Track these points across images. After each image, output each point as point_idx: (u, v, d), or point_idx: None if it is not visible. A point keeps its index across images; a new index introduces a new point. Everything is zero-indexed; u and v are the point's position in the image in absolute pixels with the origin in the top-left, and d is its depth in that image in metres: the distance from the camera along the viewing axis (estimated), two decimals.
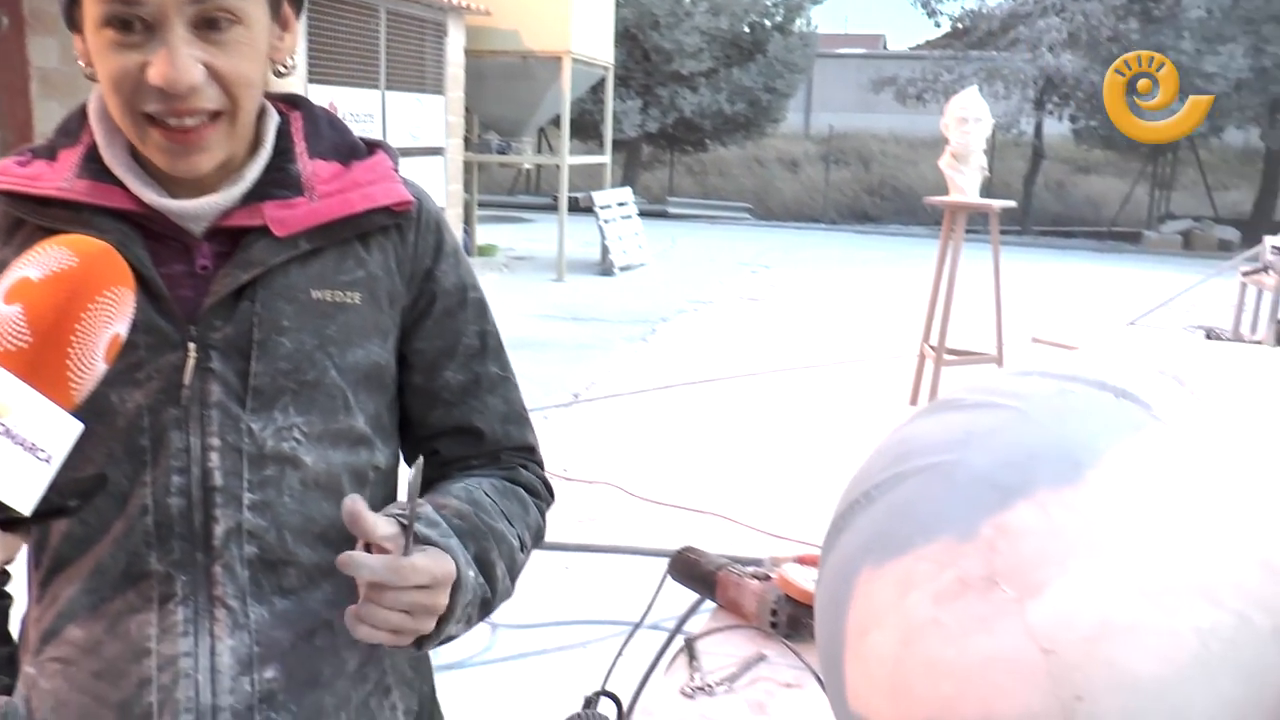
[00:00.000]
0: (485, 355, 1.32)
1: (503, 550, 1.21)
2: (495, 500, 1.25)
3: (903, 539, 1.13)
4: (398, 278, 1.23)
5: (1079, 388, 1.19)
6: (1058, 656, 0.99)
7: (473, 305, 1.31)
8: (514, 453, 1.34)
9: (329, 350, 1.16)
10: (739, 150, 26.32)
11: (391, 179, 1.23)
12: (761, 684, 1.67)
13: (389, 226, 1.23)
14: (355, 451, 1.20)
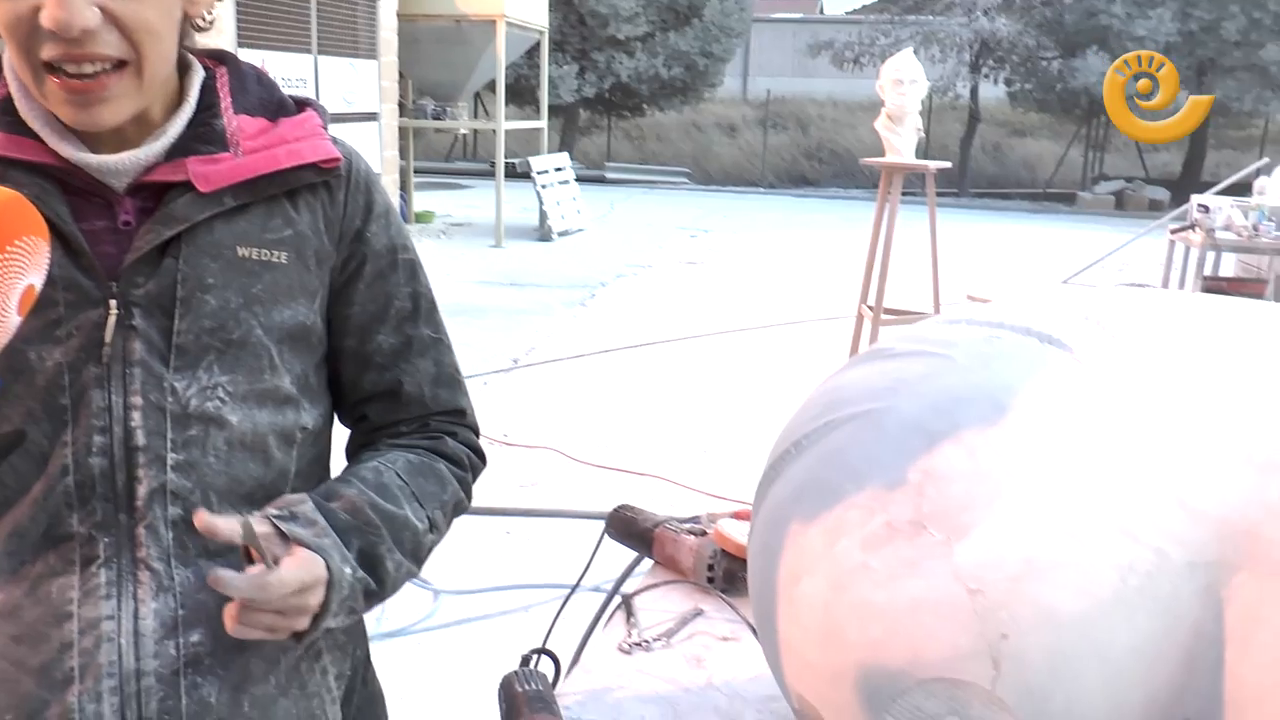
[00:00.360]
0: (417, 317, 1.30)
1: (403, 538, 1.20)
2: (406, 481, 1.23)
3: (833, 487, 1.14)
4: (326, 238, 1.21)
5: (1006, 334, 1.21)
6: (984, 596, 1.01)
7: (404, 267, 1.30)
8: (444, 418, 1.33)
9: (254, 309, 1.14)
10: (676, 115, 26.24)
11: (320, 136, 1.21)
12: (699, 638, 1.68)
13: (317, 185, 1.21)
14: (281, 412, 1.18)
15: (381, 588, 1.18)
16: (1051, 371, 1.15)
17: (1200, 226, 7.41)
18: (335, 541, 1.11)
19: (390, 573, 1.19)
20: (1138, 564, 1.02)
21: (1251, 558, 1.02)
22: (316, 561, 1.07)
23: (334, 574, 1.09)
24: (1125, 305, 1.27)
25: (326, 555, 1.09)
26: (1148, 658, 1.03)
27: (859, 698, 1.08)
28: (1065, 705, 1.01)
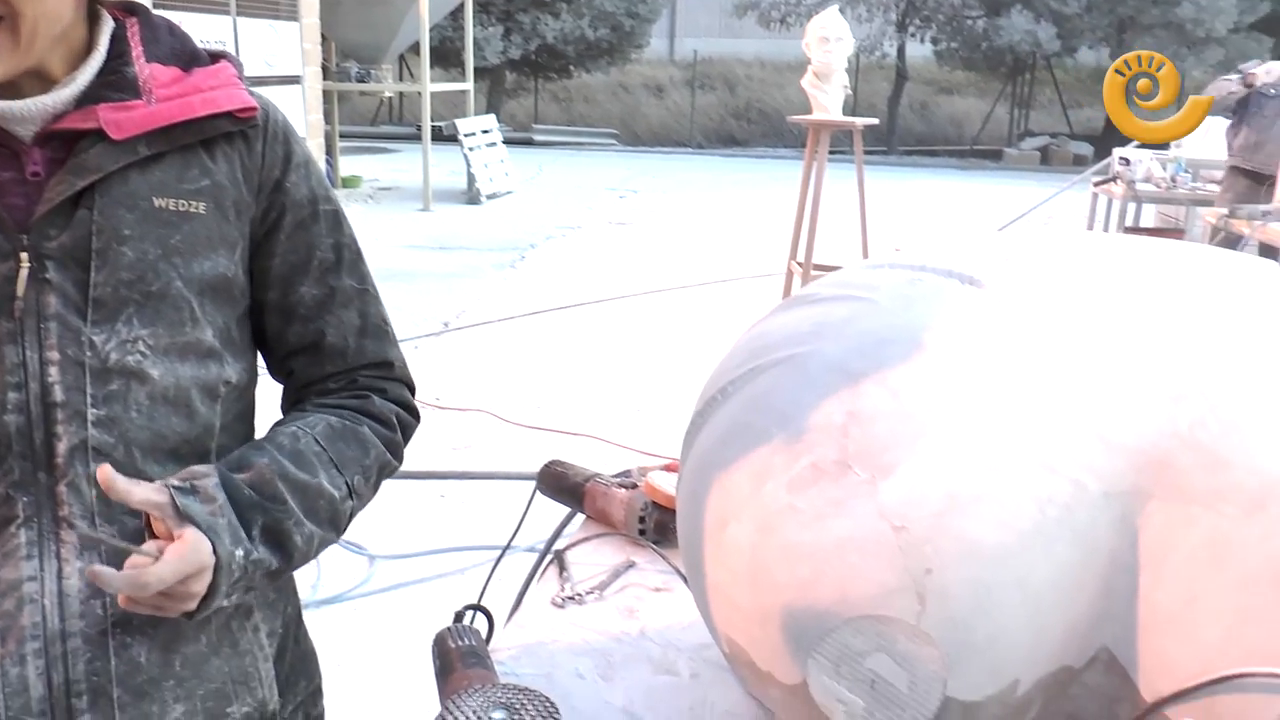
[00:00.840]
0: (340, 268, 1.28)
1: (318, 507, 1.19)
2: (324, 447, 1.21)
3: (758, 431, 1.15)
4: (245, 188, 1.19)
5: (927, 276, 1.22)
6: (908, 532, 1.02)
7: (326, 217, 1.28)
8: (371, 372, 1.31)
9: (174, 260, 1.12)
10: (604, 77, 26.07)
11: (235, 86, 1.19)
12: (631, 590, 1.69)
13: (234, 135, 1.19)
14: (204, 365, 1.16)
15: (289, 562, 1.17)
16: (972, 310, 1.16)
17: (1121, 179, 7.55)
18: (230, 522, 1.09)
19: (299, 545, 1.17)
20: (1056, 496, 1.04)
21: (1163, 486, 1.05)
22: (200, 548, 1.05)
23: (221, 558, 1.07)
24: (1043, 247, 1.29)
25: (216, 538, 1.07)
26: (1067, 587, 1.05)
27: (787, 638, 1.09)
28: (988, 636, 1.03)
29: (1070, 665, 1.11)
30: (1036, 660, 1.08)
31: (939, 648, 1.03)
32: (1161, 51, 18.30)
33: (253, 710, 1.23)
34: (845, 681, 1.07)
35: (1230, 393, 1.06)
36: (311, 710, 1.35)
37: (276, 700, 1.27)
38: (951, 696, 1.06)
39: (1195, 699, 1.03)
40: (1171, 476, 1.05)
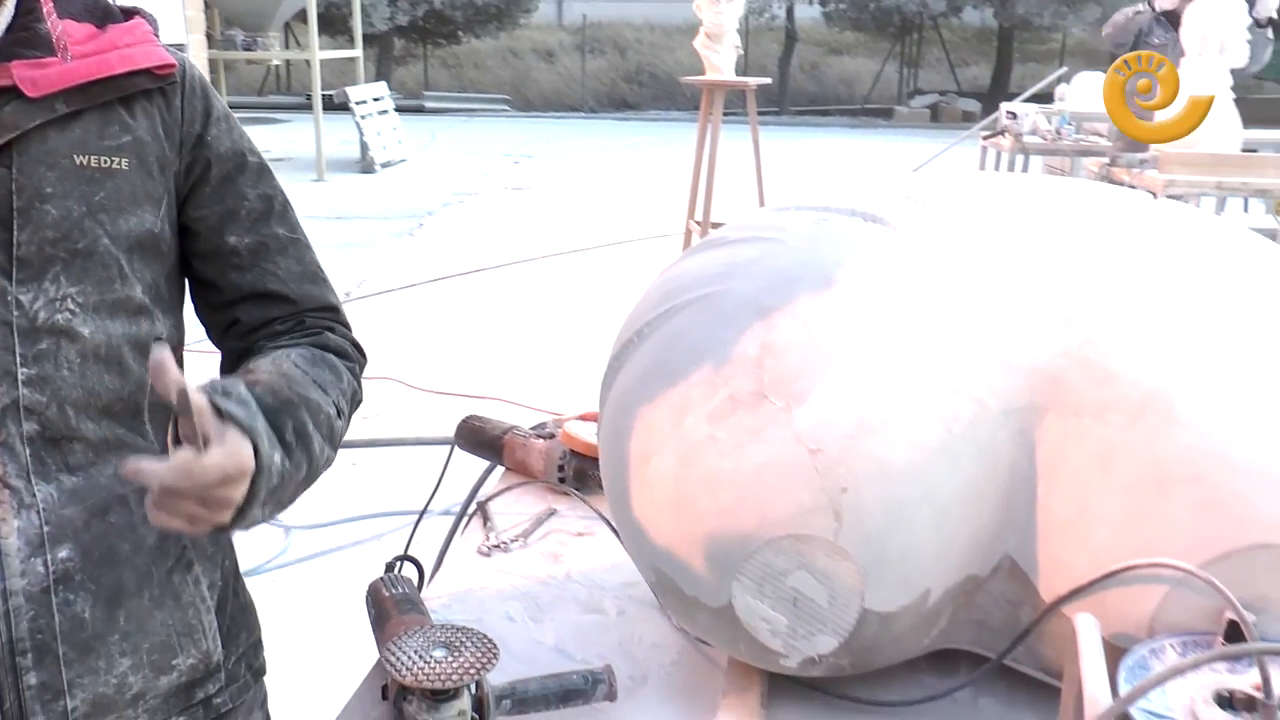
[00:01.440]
0: (270, 218, 1.28)
1: (320, 421, 1.19)
2: (305, 370, 1.21)
3: (676, 367, 1.20)
4: (166, 144, 1.19)
5: (832, 216, 1.28)
6: (824, 455, 1.09)
7: (251, 169, 1.28)
8: (317, 314, 1.32)
9: (99, 218, 1.12)
10: (493, 42, 25.79)
11: (152, 42, 1.19)
12: (554, 536, 1.73)
13: (153, 92, 1.18)
14: (135, 322, 1.16)
15: (313, 468, 1.17)
16: (876, 246, 1.22)
17: (1009, 132, 7.75)
18: (266, 426, 1.08)
19: (317, 452, 1.17)
20: (960, 414, 1.11)
21: (1057, 401, 1.12)
22: (244, 450, 1.03)
23: (263, 459, 1.05)
24: (941, 185, 1.36)
25: (258, 438, 1.05)
26: (971, 499, 1.12)
27: (712, 563, 1.14)
28: (901, 549, 1.10)
29: (976, 574, 1.18)
30: (945, 570, 1.15)
31: (856, 562, 1.10)
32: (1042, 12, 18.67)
33: (197, 662, 1.25)
34: (769, 600, 1.14)
35: (1115, 313, 1.14)
36: (253, 662, 1.37)
37: (220, 651, 1.28)
38: (868, 609, 1.13)
39: (1088, 595, 1.11)
40: (1064, 392, 1.12)
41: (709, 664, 1.36)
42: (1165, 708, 0.99)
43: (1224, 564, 1.06)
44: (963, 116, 21.15)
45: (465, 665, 1.15)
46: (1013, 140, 7.46)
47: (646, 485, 1.20)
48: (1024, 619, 1.20)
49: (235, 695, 1.31)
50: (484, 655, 1.17)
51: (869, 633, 1.14)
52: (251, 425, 1.05)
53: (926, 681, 1.29)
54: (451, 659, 1.16)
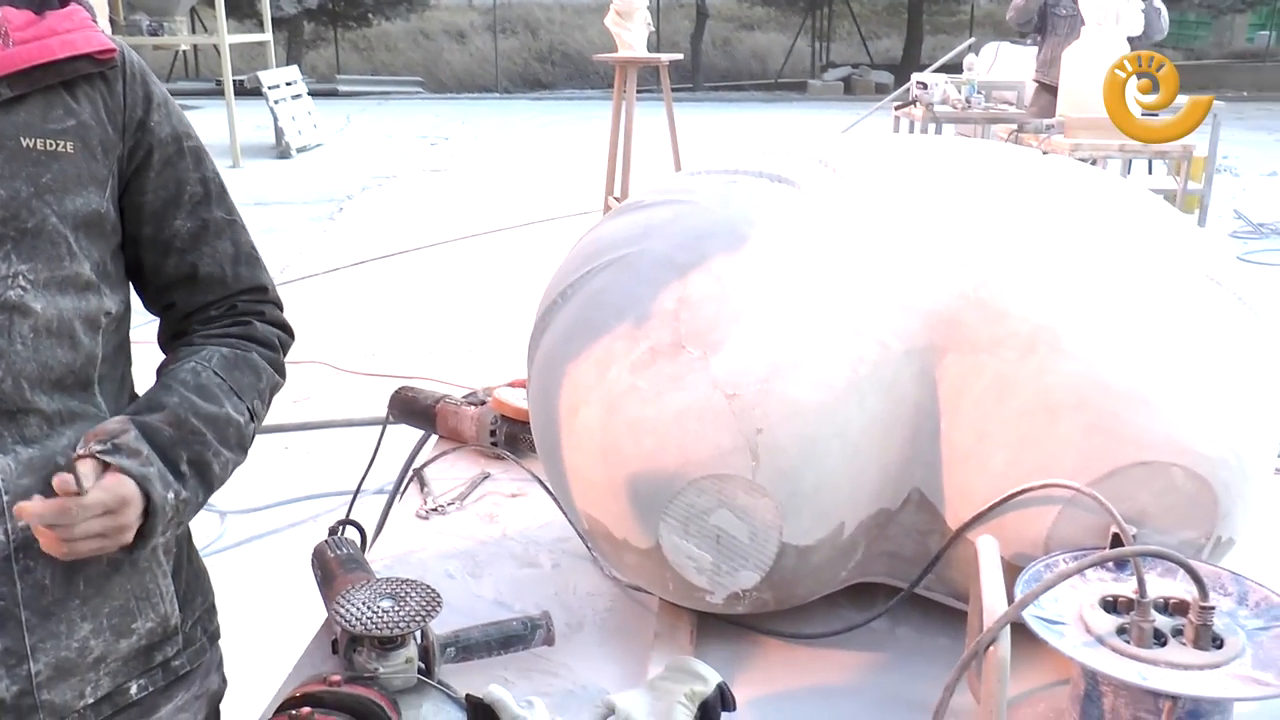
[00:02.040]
0: (210, 201, 1.32)
1: (228, 435, 1.25)
2: (224, 378, 1.27)
3: (599, 324, 1.27)
4: (110, 127, 1.22)
5: (742, 178, 1.36)
6: (739, 399, 1.17)
7: (191, 153, 1.31)
8: (248, 296, 1.36)
9: (47, 198, 1.15)
10: (404, 24, 25.50)
11: (92, 28, 1.21)
12: (490, 498, 1.79)
13: (94, 77, 1.21)
14: (84, 298, 1.19)
15: (210, 490, 1.24)
16: (783, 204, 1.29)
17: (921, 102, 7.90)
18: (159, 470, 1.15)
19: (218, 473, 1.25)
20: (865, 355, 1.19)
21: (955, 340, 1.21)
22: (123, 485, 1.10)
23: (155, 503, 1.13)
24: (846, 147, 1.44)
25: (149, 485, 1.13)
26: (879, 434, 1.20)
27: (638, 505, 1.21)
28: (815, 483, 1.18)
29: (887, 507, 1.27)
30: (857, 503, 1.23)
31: (773, 498, 1.17)
32: None
33: (156, 625, 1.29)
34: (693, 539, 1.21)
35: (1005, 257, 1.23)
36: (209, 625, 1.41)
37: (177, 615, 1.32)
38: (787, 542, 1.21)
39: (989, 520, 1.20)
40: (961, 331, 1.21)
41: (641, 609, 1.43)
42: (1057, 614, 1.09)
43: (1108, 482, 1.15)
44: (875, 89, 21.38)
45: (411, 613, 1.21)
46: (924, 109, 7.61)
47: (575, 436, 1.27)
48: (933, 548, 1.29)
49: (193, 658, 1.36)
50: (428, 604, 1.23)
51: (788, 566, 1.22)
52: (142, 474, 1.13)
53: (847, 615, 1.37)
54: (398, 608, 1.22)
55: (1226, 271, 1.28)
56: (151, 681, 1.29)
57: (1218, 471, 1.16)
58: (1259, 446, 1.21)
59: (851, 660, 1.33)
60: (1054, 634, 1.05)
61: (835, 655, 1.34)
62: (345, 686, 1.15)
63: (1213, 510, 1.18)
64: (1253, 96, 19.36)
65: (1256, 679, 0.98)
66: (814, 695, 1.27)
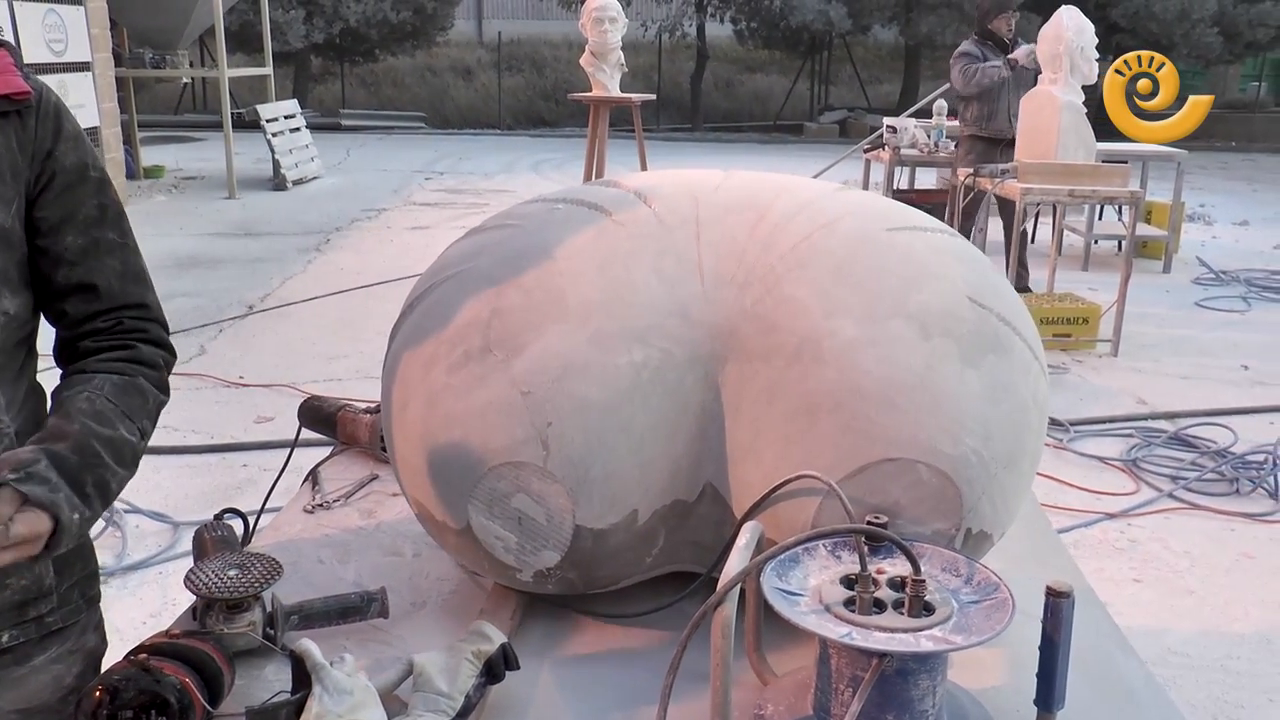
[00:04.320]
0: (104, 223, 1.50)
1: (124, 454, 1.40)
2: (117, 403, 1.43)
3: (429, 331, 1.45)
4: (20, 156, 1.40)
5: (564, 205, 1.53)
6: (533, 395, 1.34)
7: (92, 181, 1.49)
8: (134, 313, 1.52)
9: None
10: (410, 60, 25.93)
11: (11, 73, 1.40)
12: (373, 496, 1.95)
13: (10, 114, 1.40)
14: None
15: (108, 503, 1.40)
16: (593, 229, 1.46)
17: (889, 145, 8.11)
18: (67, 494, 1.29)
19: (115, 490, 1.40)
20: (649, 361, 1.35)
21: (734, 350, 1.37)
22: (39, 521, 1.24)
23: (63, 524, 1.28)
24: (666, 183, 1.61)
25: (58, 510, 1.27)
26: (665, 431, 1.36)
27: (450, 489, 1.37)
28: (603, 472, 1.34)
29: (683, 499, 1.42)
30: (649, 493, 1.39)
31: (564, 484, 1.33)
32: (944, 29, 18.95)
33: (30, 584, 1.46)
34: (498, 520, 1.37)
35: (778, 277, 1.39)
36: (88, 591, 1.58)
37: (52, 577, 1.49)
38: (581, 525, 1.36)
39: (764, 509, 1.35)
40: (739, 342, 1.37)
41: (481, 593, 1.59)
42: (800, 588, 1.24)
43: (861, 476, 1.31)
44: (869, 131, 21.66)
45: (253, 579, 1.37)
46: (891, 153, 7.81)
47: (404, 428, 1.43)
48: (727, 537, 1.44)
49: (67, 616, 1.52)
50: (270, 572, 1.39)
51: (585, 548, 1.38)
52: (52, 500, 1.27)
53: (666, 601, 1.52)
54: (242, 576, 1.38)
55: (992, 296, 1.43)
56: (24, 633, 1.46)
57: (960, 469, 1.32)
58: (1003, 449, 1.36)
59: (657, 637, 1.48)
60: (788, 603, 1.20)
61: (645, 633, 1.49)
62: (183, 639, 1.31)
63: (958, 504, 1.33)
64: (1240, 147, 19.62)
65: (947, 639, 1.14)
66: (615, 664, 1.42)
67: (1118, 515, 4.41)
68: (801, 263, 1.40)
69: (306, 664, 1.22)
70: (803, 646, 1.38)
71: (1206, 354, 6.75)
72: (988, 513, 1.38)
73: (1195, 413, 5.56)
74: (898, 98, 24.09)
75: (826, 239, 1.43)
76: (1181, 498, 4.59)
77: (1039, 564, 1.72)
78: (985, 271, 1.50)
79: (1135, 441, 5.19)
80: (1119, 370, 6.24)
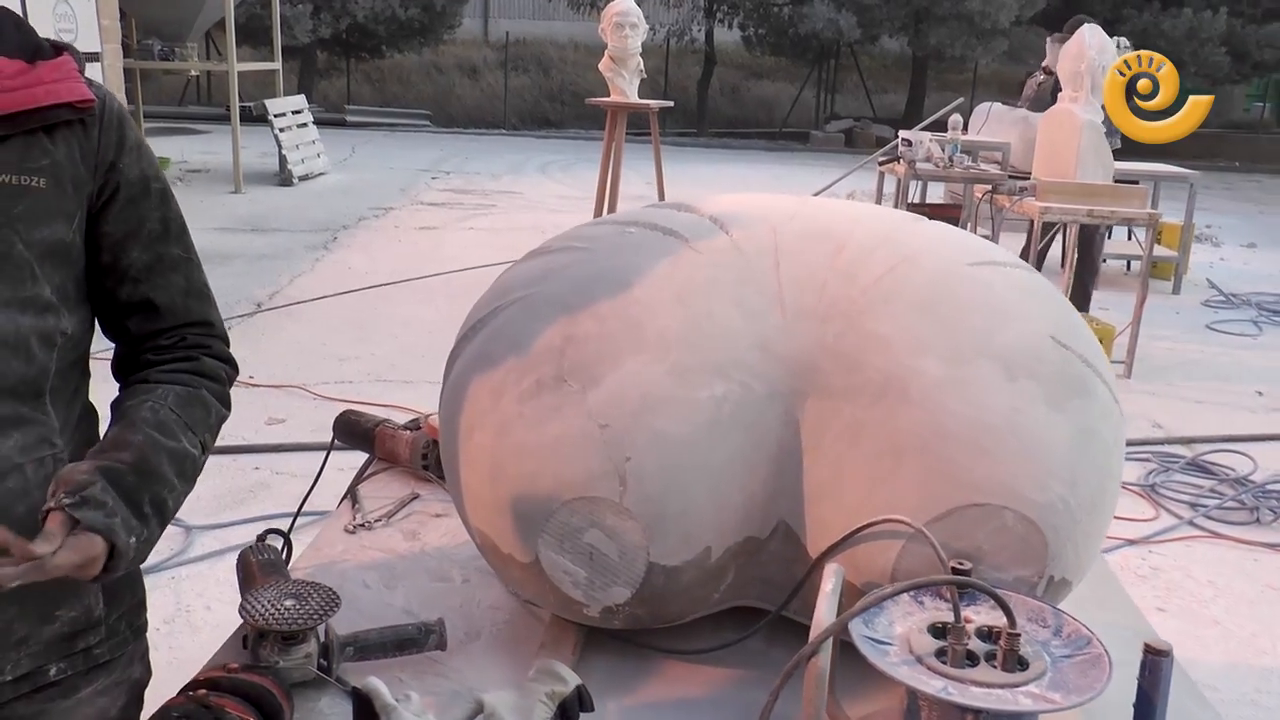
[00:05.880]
0: (168, 238, 1.46)
1: (185, 468, 1.37)
2: (180, 414, 1.39)
3: (497, 357, 1.41)
4: (82, 167, 1.35)
5: (636, 230, 1.49)
6: (611, 429, 1.30)
7: (155, 194, 1.44)
8: (197, 330, 1.49)
9: (16, 227, 1.28)
10: (417, 57, 25.82)
11: (75, 79, 1.35)
12: (415, 516, 1.91)
13: (74, 122, 1.34)
14: (43, 317, 1.32)
15: (166, 523, 1.35)
16: (669, 257, 1.42)
17: (904, 159, 8.06)
18: (123, 518, 1.25)
19: (172, 508, 1.36)
20: (729, 396, 1.31)
21: (815, 386, 1.33)
22: (93, 545, 1.19)
23: (119, 549, 1.23)
24: (737, 207, 1.56)
25: (114, 535, 1.22)
26: (742, 468, 1.32)
27: (520, 522, 1.33)
28: (679, 508, 1.30)
29: (755, 536, 1.38)
30: (724, 530, 1.35)
31: (640, 520, 1.29)
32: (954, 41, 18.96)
33: (79, 615, 1.41)
34: (569, 555, 1.33)
35: (863, 310, 1.35)
36: (135, 620, 1.53)
37: (101, 608, 1.44)
38: (655, 562, 1.32)
39: (842, 550, 1.32)
40: (820, 378, 1.33)
41: (536, 622, 1.54)
42: (887, 636, 1.20)
43: (946, 521, 1.27)
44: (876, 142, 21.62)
45: (311, 611, 1.33)
46: (906, 166, 7.77)
47: (469, 455, 1.39)
48: (798, 575, 1.40)
49: (114, 648, 1.47)
50: (328, 603, 1.35)
51: (657, 584, 1.34)
52: (107, 525, 1.22)
53: (727, 635, 1.48)
54: (299, 607, 1.34)
55: (1074, 336, 1.40)
56: (71, 665, 1.41)
57: (1046, 516, 1.28)
58: (1088, 495, 1.32)
59: (723, 676, 1.44)
60: (878, 652, 1.16)
61: (710, 671, 1.45)
62: (241, 674, 1.27)
63: (1043, 552, 1.29)
64: (1244, 167, 19.62)
65: (1045, 697, 1.10)
66: (682, 707, 1.38)
67: (1139, 541, 4.37)
68: (885, 297, 1.36)
69: (375, 704, 1.18)
70: (872, 690, 1.34)
71: (1220, 378, 6.72)
72: (1070, 560, 1.34)
73: (1212, 438, 5.52)
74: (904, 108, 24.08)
75: (909, 273, 1.39)
76: (1202, 525, 4.55)
77: (1099, 606, 1.68)
78: (1065, 310, 1.46)
79: (1153, 466, 5.15)
80: (1133, 393, 6.21)
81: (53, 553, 1.16)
